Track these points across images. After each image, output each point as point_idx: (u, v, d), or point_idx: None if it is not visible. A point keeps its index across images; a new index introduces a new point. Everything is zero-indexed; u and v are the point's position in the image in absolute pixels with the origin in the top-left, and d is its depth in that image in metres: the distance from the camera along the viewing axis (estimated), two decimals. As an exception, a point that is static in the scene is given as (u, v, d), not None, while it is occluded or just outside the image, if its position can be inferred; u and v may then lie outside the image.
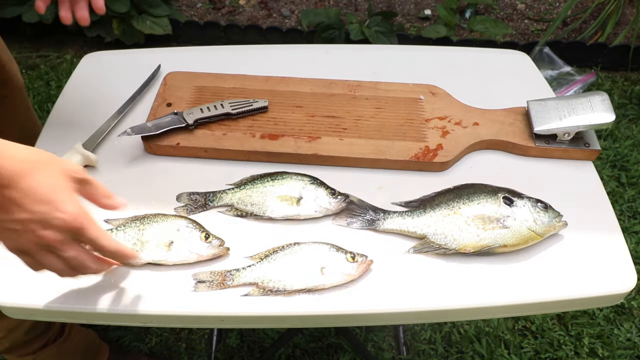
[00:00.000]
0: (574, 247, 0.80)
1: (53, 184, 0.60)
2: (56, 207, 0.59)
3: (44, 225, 0.59)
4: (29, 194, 0.58)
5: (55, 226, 0.59)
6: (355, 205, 0.83)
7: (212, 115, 0.93)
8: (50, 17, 2.31)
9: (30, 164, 0.59)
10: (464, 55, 1.14)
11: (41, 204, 0.58)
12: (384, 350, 1.54)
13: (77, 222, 0.60)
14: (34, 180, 0.58)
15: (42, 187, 0.58)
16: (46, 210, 0.58)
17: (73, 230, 0.60)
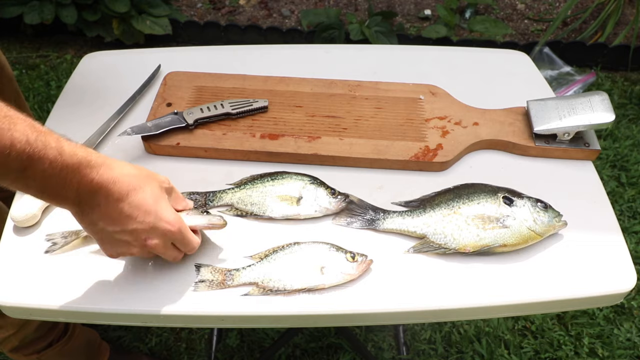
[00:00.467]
0: (573, 247, 0.80)
1: (155, 197, 0.67)
2: (160, 217, 0.67)
3: (150, 234, 0.67)
4: (139, 207, 0.65)
5: (160, 234, 0.68)
6: (355, 205, 0.83)
7: (212, 115, 0.93)
8: (51, 17, 2.31)
9: (137, 178, 0.66)
10: (464, 55, 1.14)
11: (149, 215, 0.66)
12: (384, 350, 1.54)
13: (177, 229, 0.69)
14: (141, 194, 0.66)
15: (148, 200, 0.66)
16: (153, 220, 0.66)
17: (173, 236, 0.69)
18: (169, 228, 0.68)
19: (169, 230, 0.68)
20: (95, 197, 0.63)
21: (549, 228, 0.78)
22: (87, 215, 0.64)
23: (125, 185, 0.64)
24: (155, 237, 0.68)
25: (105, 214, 0.64)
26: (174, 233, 0.69)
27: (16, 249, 0.78)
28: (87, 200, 0.62)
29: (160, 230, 0.67)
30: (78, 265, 0.76)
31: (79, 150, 0.61)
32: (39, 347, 1.15)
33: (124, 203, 0.64)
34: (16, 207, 0.79)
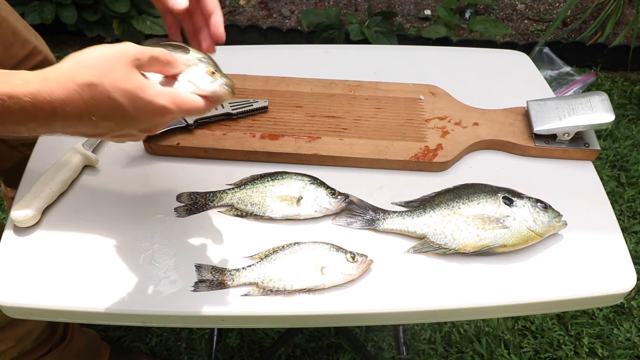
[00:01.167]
0: (573, 247, 0.80)
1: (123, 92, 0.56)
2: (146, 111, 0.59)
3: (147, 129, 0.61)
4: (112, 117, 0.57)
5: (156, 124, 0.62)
6: (355, 205, 0.83)
7: (212, 115, 0.93)
8: (51, 17, 2.31)
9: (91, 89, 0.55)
10: (463, 55, 1.14)
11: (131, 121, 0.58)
12: (384, 350, 1.54)
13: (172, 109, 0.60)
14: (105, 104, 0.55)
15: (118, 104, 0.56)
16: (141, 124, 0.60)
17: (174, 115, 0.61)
18: (164, 116, 0.60)
19: (165, 117, 0.60)
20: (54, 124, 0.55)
21: (549, 228, 0.78)
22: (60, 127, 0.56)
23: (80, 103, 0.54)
24: (157, 127, 0.62)
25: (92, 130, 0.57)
26: (172, 113, 0.60)
27: (16, 249, 0.78)
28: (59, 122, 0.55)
29: (157, 123, 0.61)
30: (78, 265, 0.76)
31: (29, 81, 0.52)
32: (38, 355, 1.15)
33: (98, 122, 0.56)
34: (16, 207, 0.79)
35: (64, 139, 0.91)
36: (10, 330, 1.04)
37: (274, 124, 0.94)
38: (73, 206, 0.83)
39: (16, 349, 1.08)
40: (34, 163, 0.89)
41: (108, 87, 0.55)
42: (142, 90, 0.57)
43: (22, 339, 1.08)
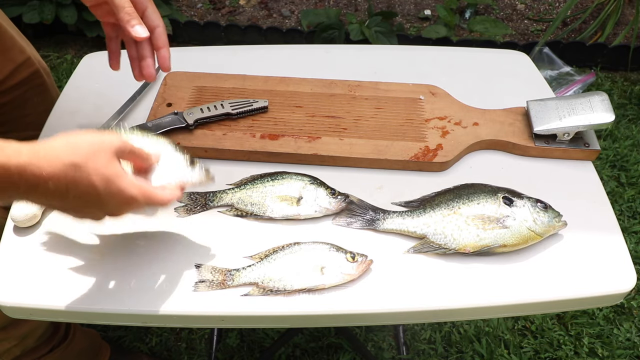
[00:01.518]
0: (573, 247, 0.80)
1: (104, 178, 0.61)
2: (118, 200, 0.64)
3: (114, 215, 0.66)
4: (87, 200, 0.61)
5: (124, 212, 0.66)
6: (355, 205, 0.83)
7: (212, 115, 0.93)
8: (51, 17, 2.31)
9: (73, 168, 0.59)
10: (463, 55, 1.14)
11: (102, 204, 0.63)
12: (384, 350, 1.54)
13: (141, 200, 0.65)
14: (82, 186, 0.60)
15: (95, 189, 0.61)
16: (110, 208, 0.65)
17: (141, 207, 0.67)
18: (132, 206, 0.65)
19: (133, 207, 0.65)
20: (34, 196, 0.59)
21: (549, 228, 0.78)
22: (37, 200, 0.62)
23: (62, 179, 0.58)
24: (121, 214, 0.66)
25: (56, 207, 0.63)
26: (140, 206, 0.66)
27: (16, 249, 0.78)
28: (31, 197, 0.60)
29: (123, 210, 0.66)
30: (78, 265, 0.76)
31: None
32: (40, 354, 1.15)
33: (67, 200, 0.60)
34: (16, 207, 0.79)
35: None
36: (14, 329, 1.04)
37: (274, 124, 0.94)
38: (73, 206, 0.83)
39: (19, 347, 1.09)
40: (34, 163, 0.89)
41: (90, 170, 0.60)
42: (118, 177, 0.63)
43: (25, 338, 1.08)
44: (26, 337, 1.08)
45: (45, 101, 1.09)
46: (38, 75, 1.07)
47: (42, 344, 1.14)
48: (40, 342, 1.13)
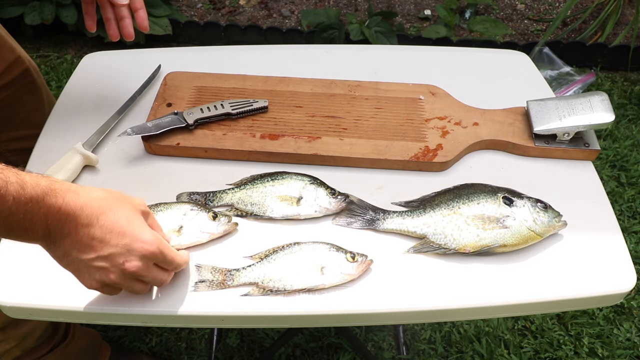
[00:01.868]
0: (573, 247, 0.80)
1: (129, 218, 0.64)
2: (136, 237, 0.63)
3: (127, 257, 0.63)
4: (112, 230, 0.62)
5: (138, 255, 0.64)
6: (355, 205, 0.83)
7: (212, 115, 0.93)
8: (51, 18, 2.31)
9: (106, 201, 0.63)
10: (464, 55, 1.14)
11: (123, 237, 0.62)
12: (384, 350, 1.54)
13: (156, 248, 0.65)
14: (112, 216, 0.62)
15: (120, 221, 0.63)
16: (128, 242, 0.63)
17: (153, 256, 0.65)
18: (147, 248, 0.64)
19: (148, 250, 0.64)
20: (64, 226, 0.60)
21: (548, 228, 0.78)
22: (58, 247, 0.62)
23: (95, 209, 0.61)
24: (134, 259, 0.64)
25: (77, 242, 0.61)
26: (153, 253, 0.65)
27: (16, 249, 0.78)
28: (56, 230, 0.60)
29: (138, 251, 0.63)
30: (78, 266, 0.76)
31: (41, 180, 0.59)
32: (40, 353, 1.15)
33: (95, 228, 0.61)
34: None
35: (65, 140, 0.91)
36: (13, 330, 1.04)
37: (274, 124, 0.94)
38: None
39: (19, 348, 1.09)
40: (34, 163, 0.89)
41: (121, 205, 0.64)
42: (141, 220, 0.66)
43: (24, 338, 1.08)
44: (26, 337, 1.08)
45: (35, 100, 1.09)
46: (28, 74, 1.07)
47: (42, 344, 1.14)
48: (40, 342, 1.13)
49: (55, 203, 0.59)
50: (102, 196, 0.63)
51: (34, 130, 0.95)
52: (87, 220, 0.61)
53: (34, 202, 0.57)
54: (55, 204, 0.59)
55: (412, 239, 0.81)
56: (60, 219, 0.59)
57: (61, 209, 0.59)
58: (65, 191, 0.60)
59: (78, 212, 0.60)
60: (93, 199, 0.62)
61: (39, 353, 1.15)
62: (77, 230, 0.60)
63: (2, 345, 1.06)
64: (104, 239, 0.61)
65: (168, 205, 0.81)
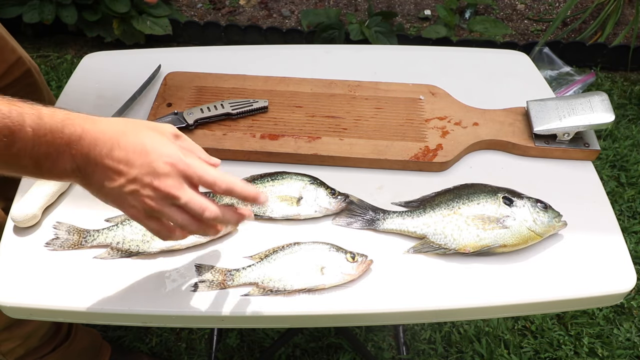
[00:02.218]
0: (573, 247, 0.80)
1: (152, 136, 0.61)
2: (160, 153, 0.60)
3: (155, 175, 0.59)
4: (134, 149, 0.59)
5: (165, 173, 0.59)
6: (355, 205, 0.83)
7: (212, 116, 0.93)
8: (51, 17, 2.31)
9: (125, 124, 0.61)
10: (463, 55, 1.14)
11: (146, 155, 0.59)
12: (384, 350, 1.54)
13: (183, 162, 0.60)
14: (132, 137, 0.60)
15: (142, 140, 0.60)
16: (153, 159, 0.59)
17: (182, 171, 0.60)
18: (172, 162, 0.59)
19: (174, 163, 0.59)
20: (89, 155, 0.58)
21: (548, 228, 0.78)
22: (92, 181, 0.60)
23: (115, 132, 0.59)
24: (162, 177, 0.59)
25: (105, 169, 0.59)
26: (180, 167, 0.60)
27: (16, 249, 0.78)
28: (84, 161, 0.58)
29: (164, 167, 0.59)
30: (78, 265, 0.76)
31: (57, 112, 0.58)
32: (43, 353, 1.16)
33: (117, 150, 0.58)
34: (16, 207, 0.79)
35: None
36: (17, 329, 1.05)
37: (274, 124, 0.94)
38: (73, 206, 0.83)
39: (23, 347, 1.09)
40: (34, 163, 0.89)
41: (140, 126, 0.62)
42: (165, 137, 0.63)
43: (28, 338, 1.09)
44: (30, 336, 1.09)
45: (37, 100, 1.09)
46: (30, 75, 1.07)
47: (45, 343, 1.15)
48: (43, 341, 1.13)
49: (75, 132, 0.57)
50: (121, 121, 0.62)
51: None
52: (110, 144, 0.58)
53: (54, 132, 0.56)
54: (75, 133, 0.57)
55: (412, 239, 0.80)
56: (83, 147, 0.58)
57: (82, 137, 0.58)
58: (84, 119, 0.59)
59: (100, 137, 0.58)
60: (112, 122, 0.61)
61: (42, 352, 1.15)
62: (102, 157, 0.58)
63: (7, 344, 1.06)
64: (128, 161, 0.59)
65: None
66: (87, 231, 0.78)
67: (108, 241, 0.78)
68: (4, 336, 1.04)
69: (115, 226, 0.79)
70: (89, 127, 0.58)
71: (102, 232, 0.78)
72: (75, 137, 0.58)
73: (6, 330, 1.03)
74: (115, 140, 0.59)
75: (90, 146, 0.58)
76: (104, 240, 0.78)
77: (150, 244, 0.77)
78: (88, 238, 0.78)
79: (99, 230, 0.79)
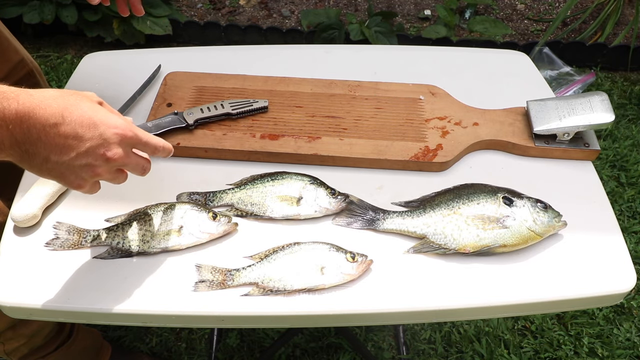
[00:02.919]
0: (573, 247, 0.80)
1: (92, 108, 0.62)
2: (108, 125, 0.62)
3: (106, 146, 0.61)
4: (81, 123, 0.60)
5: (116, 141, 0.62)
6: (355, 205, 0.83)
7: (212, 116, 0.93)
8: (51, 18, 2.31)
9: (62, 98, 0.60)
10: (463, 55, 1.14)
11: (95, 127, 0.60)
12: (384, 350, 1.54)
13: (130, 131, 0.64)
14: (76, 110, 0.60)
15: (87, 113, 0.60)
16: (102, 131, 0.61)
17: (130, 140, 0.64)
18: (121, 132, 0.62)
19: (123, 134, 0.63)
20: (30, 130, 0.57)
21: (548, 228, 0.78)
22: (34, 156, 0.59)
23: (55, 107, 0.59)
24: (114, 147, 0.62)
25: (51, 145, 0.58)
26: (129, 136, 0.63)
27: (16, 249, 0.78)
28: (24, 137, 0.57)
29: (114, 137, 0.62)
30: (78, 265, 0.76)
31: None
32: (46, 352, 1.16)
33: (64, 125, 0.58)
34: (16, 207, 0.79)
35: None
36: (22, 328, 1.05)
37: (274, 124, 0.94)
38: (73, 206, 0.83)
39: (27, 346, 1.09)
40: (34, 163, 0.89)
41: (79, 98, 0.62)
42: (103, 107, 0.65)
43: (33, 337, 1.09)
44: (34, 335, 1.09)
45: None
46: (32, 76, 1.07)
47: (48, 342, 1.15)
48: (47, 340, 1.14)
49: (9, 106, 0.56)
50: (56, 94, 0.61)
51: None
52: (52, 119, 0.58)
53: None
54: (10, 107, 0.56)
55: (412, 239, 0.81)
56: (22, 122, 0.57)
57: (18, 111, 0.56)
58: (17, 93, 0.58)
59: (39, 112, 0.57)
60: (48, 97, 0.59)
61: (45, 351, 1.15)
62: (47, 132, 0.58)
63: (12, 343, 1.07)
64: (77, 135, 0.59)
65: (168, 205, 0.81)
66: (87, 231, 0.78)
67: (108, 241, 0.78)
68: (8, 335, 1.04)
69: (115, 226, 0.79)
70: (24, 100, 0.57)
71: (102, 232, 0.78)
72: (10, 113, 0.56)
73: (11, 329, 1.03)
74: (59, 116, 0.58)
75: (31, 121, 0.57)
76: (104, 239, 0.78)
77: (150, 244, 0.77)
78: (88, 238, 0.78)
79: (98, 230, 0.79)
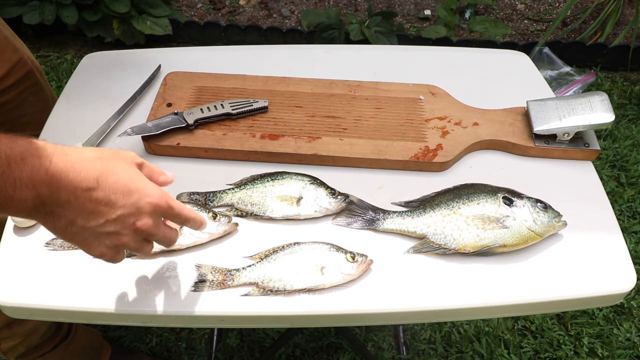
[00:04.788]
0: (573, 247, 0.80)
1: (130, 174, 0.59)
2: (143, 193, 0.59)
3: (138, 215, 0.59)
4: (116, 190, 0.57)
5: (149, 212, 0.60)
6: (355, 205, 0.83)
7: (212, 116, 0.93)
8: (51, 18, 2.31)
9: (101, 160, 0.58)
10: (463, 55, 1.14)
11: (130, 195, 0.58)
12: (384, 350, 1.54)
13: (164, 202, 0.61)
14: (112, 176, 0.57)
15: (123, 179, 0.58)
16: (136, 199, 0.58)
17: (162, 210, 0.61)
18: (155, 202, 0.60)
19: (157, 204, 0.60)
20: (59, 192, 0.54)
21: (548, 228, 0.78)
22: (59, 218, 0.56)
23: (91, 170, 0.56)
24: (145, 217, 0.59)
25: (80, 209, 0.55)
26: (162, 207, 0.61)
27: (16, 249, 0.78)
28: (51, 198, 0.54)
29: (147, 207, 0.59)
30: (78, 265, 0.76)
31: (19, 140, 0.52)
32: (44, 351, 1.16)
33: (97, 191, 0.56)
34: (16, 207, 0.79)
35: (65, 140, 0.91)
36: (19, 327, 1.05)
37: (274, 124, 0.94)
38: (73, 206, 0.83)
39: (24, 344, 1.09)
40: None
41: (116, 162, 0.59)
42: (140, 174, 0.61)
43: (29, 335, 1.09)
44: (30, 334, 1.09)
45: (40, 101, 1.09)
46: (32, 75, 1.07)
47: (46, 341, 1.15)
48: (44, 339, 1.14)
49: (41, 165, 0.52)
50: (95, 155, 0.58)
51: (41, 132, 0.95)
52: (85, 183, 0.55)
53: (12, 163, 0.50)
54: (41, 166, 0.52)
55: (412, 239, 0.81)
56: (52, 183, 0.53)
57: (49, 171, 0.53)
58: (52, 152, 0.54)
59: (72, 174, 0.54)
60: (85, 159, 0.56)
61: (43, 350, 1.15)
62: (77, 196, 0.55)
63: (8, 341, 1.07)
64: (110, 201, 0.56)
65: None
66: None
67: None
68: (4, 334, 1.04)
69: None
70: (57, 159, 0.54)
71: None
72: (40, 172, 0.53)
73: (6, 328, 1.03)
74: (93, 180, 0.56)
75: (62, 183, 0.54)
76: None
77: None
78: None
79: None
